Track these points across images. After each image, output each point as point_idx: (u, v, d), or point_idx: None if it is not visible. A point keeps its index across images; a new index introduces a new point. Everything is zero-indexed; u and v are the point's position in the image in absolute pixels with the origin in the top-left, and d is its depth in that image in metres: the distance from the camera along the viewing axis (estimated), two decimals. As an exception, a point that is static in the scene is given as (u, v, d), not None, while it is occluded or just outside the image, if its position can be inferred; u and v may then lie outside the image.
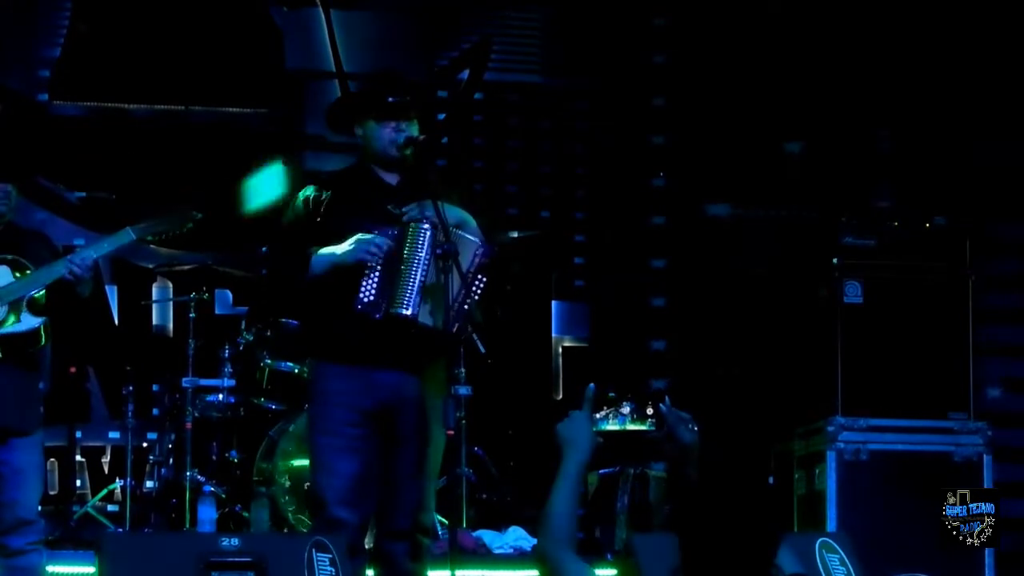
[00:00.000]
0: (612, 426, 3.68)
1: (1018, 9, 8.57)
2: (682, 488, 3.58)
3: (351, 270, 5.46)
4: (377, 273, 5.44)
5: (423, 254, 5.45)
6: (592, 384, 3.69)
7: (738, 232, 9.20)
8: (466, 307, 5.44)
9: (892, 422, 7.29)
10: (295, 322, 7.85)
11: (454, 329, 5.44)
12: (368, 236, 5.47)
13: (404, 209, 5.55)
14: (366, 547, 5.75)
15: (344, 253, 5.48)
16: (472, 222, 5.67)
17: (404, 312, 5.42)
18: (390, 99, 5.63)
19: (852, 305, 7.48)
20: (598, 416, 3.66)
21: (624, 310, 9.65)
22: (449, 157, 9.69)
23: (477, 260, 5.50)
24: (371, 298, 5.45)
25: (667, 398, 3.74)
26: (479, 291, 5.43)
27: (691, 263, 9.44)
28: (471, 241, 5.53)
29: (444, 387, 5.72)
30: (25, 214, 8.38)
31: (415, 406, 5.57)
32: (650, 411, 3.67)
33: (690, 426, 3.70)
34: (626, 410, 3.67)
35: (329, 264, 5.51)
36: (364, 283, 5.45)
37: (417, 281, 5.44)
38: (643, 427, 3.67)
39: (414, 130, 5.62)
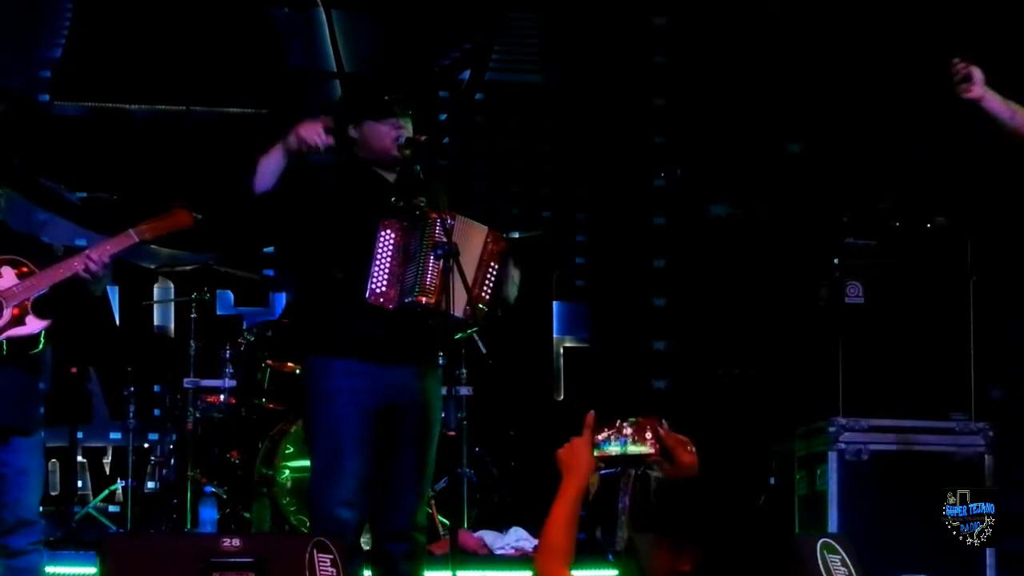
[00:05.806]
0: (614, 448, 3.69)
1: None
2: (677, 507, 3.56)
3: (343, 254, 5.41)
4: (388, 263, 5.38)
5: (437, 245, 5.41)
6: (592, 412, 3.71)
7: (738, 232, 9.21)
8: (485, 294, 5.47)
9: (893, 422, 7.28)
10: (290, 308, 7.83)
11: (474, 316, 5.43)
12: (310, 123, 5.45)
13: (415, 202, 5.51)
14: (363, 548, 5.74)
15: (285, 141, 5.47)
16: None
17: (425, 300, 5.35)
18: (387, 96, 5.62)
19: (853, 305, 7.47)
20: (599, 438, 3.68)
21: (625, 310, 9.66)
22: (450, 157, 9.70)
23: (489, 246, 5.53)
24: (382, 288, 5.38)
25: (663, 421, 3.74)
26: (492, 278, 5.47)
27: (692, 263, 9.44)
28: (480, 228, 5.55)
29: (441, 384, 5.71)
30: (26, 215, 8.43)
31: (419, 406, 5.51)
32: (649, 435, 3.67)
33: (689, 448, 3.70)
34: (628, 431, 3.67)
35: (275, 160, 5.47)
36: (375, 273, 5.38)
37: (432, 270, 5.37)
38: (645, 449, 3.67)
39: (409, 127, 5.60)
